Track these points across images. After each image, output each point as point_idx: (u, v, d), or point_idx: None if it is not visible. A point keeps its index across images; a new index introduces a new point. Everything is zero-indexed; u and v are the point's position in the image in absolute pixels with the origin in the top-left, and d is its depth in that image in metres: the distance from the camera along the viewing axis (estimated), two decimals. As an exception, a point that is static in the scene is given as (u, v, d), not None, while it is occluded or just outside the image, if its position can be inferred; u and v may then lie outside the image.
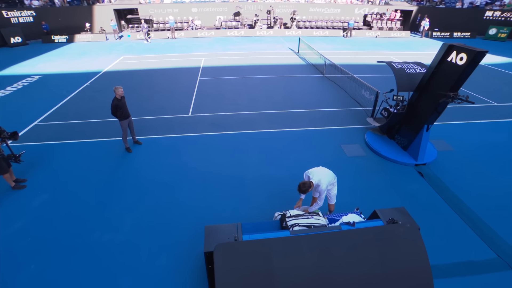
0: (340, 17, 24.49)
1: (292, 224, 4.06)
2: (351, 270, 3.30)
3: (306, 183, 4.10)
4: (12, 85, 11.69)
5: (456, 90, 5.44)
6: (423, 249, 3.45)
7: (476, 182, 6.08)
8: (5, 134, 5.41)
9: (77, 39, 20.61)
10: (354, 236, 3.51)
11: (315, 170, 4.32)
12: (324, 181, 4.25)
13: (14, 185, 5.83)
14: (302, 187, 4.09)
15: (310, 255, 3.35)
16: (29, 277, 4.13)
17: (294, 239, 3.47)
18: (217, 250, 3.33)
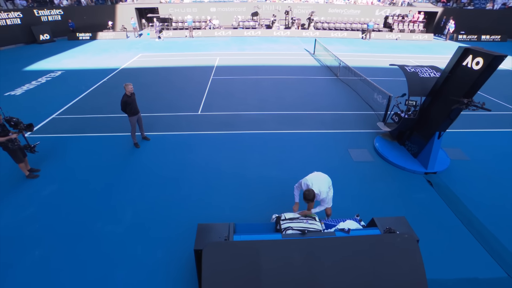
0: (360, 18, 23.93)
1: (286, 227, 4.00)
2: (340, 279, 3.21)
3: (311, 191, 3.95)
4: (36, 79, 12.34)
5: (471, 96, 5.15)
6: (420, 262, 3.30)
7: (490, 194, 5.74)
8: (21, 125, 5.70)
9: (99, 36, 21.45)
10: (347, 244, 3.41)
11: (313, 177, 4.18)
12: (324, 189, 4.15)
13: (29, 174, 6.14)
14: (308, 195, 3.92)
15: (299, 260, 3.30)
16: (33, 262, 4.33)
17: (284, 243, 3.43)
18: (206, 248, 3.34)
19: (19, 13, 19.22)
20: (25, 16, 19.47)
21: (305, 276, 3.21)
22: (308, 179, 4.18)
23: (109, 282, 4.05)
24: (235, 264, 3.27)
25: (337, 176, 6.20)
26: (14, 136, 5.60)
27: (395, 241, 3.45)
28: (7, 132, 5.55)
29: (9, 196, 5.64)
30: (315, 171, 4.32)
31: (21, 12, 19.36)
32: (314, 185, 4.11)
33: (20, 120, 5.70)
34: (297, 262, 3.28)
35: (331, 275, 3.21)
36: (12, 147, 5.60)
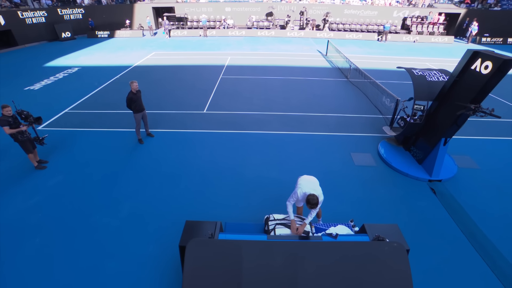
0: (377, 20, 23.35)
1: (273, 228, 3.97)
2: (321, 284, 3.15)
3: (316, 196, 3.81)
4: (54, 75, 12.90)
5: (479, 102, 4.90)
6: (407, 273, 3.19)
7: (497, 205, 5.44)
8: (31, 118, 5.97)
9: (117, 34, 22.12)
10: (331, 249, 3.35)
11: (306, 184, 4.03)
12: (320, 191, 4.05)
13: (37, 165, 6.42)
14: (312, 200, 3.76)
15: (281, 263, 3.26)
16: (32, 248, 4.53)
17: (268, 244, 3.41)
18: (189, 245, 3.37)
19: (44, 12, 20.14)
20: (49, 15, 20.39)
21: (285, 279, 3.17)
22: (302, 188, 3.98)
23: (100, 271, 4.17)
24: (217, 262, 3.28)
25: (336, 179, 6.12)
26: (24, 128, 5.87)
27: (382, 249, 3.34)
28: (18, 124, 5.83)
29: (18, 185, 5.92)
30: (302, 176, 4.21)
31: (46, 11, 20.28)
32: (311, 190, 3.93)
33: (30, 113, 5.97)
34: (278, 265, 3.25)
35: (312, 279, 3.16)
36: (22, 138, 5.88)
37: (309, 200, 3.80)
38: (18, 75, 12.88)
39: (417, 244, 4.63)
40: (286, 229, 3.99)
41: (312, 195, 3.82)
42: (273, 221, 4.10)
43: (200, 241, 3.42)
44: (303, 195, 3.96)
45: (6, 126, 5.59)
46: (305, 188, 3.98)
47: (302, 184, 4.04)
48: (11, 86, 11.53)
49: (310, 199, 3.80)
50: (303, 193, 3.97)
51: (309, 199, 3.80)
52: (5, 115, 5.61)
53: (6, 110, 5.61)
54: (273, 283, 3.17)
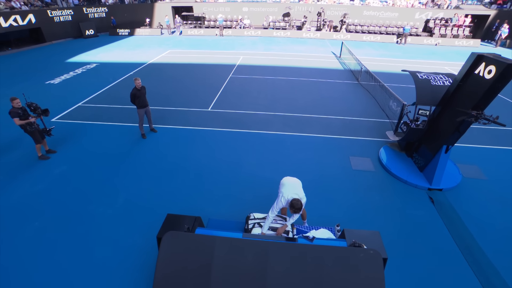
0: (397, 22, 22.58)
1: (252, 227, 3.98)
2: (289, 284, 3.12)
3: (299, 201, 3.76)
4: (74, 70, 13.58)
5: (482, 108, 4.64)
6: (381, 282, 3.09)
7: (499, 220, 5.13)
8: (39, 110, 6.32)
9: (136, 32, 22.91)
10: (303, 252, 3.30)
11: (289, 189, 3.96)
12: (302, 194, 4.00)
13: (41, 156, 6.71)
14: (296, 204, 3.72)
15: (251, 261, 3.27)
16: (31, 231, 4.82)
17: (241, 242, 3.42)
18: (165, 237, 3.46)
19: (71, 10, 21.23)
20: (75, 14, 21.48)
21: (254, 277, 3.17)
22: (285, 195, 3.89)
23: (88, 256, 4.38)
24: (190, 255, 3.35)
25: (330, 183, 6.02)
26: (33, 120, 6.24)
27: (357, 255, 3.27)
28: (27, 116, 6.19)
29: (27, 172, 6.30)
30: (284, 180, 4.15)
31: (73, 10, 21.37)
32: (294, 195, 3.87)
33: (38, 106, 6.33)
34: (248, 262, 3.26)
35: (280, 280, 3.14)
36: (30, 129, 6.24)
37: (293, 205, 3.75)
38: (42, 70, 13.68)
39: (405, 253, 4.48)
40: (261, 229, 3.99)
41: (296, 200, 3.77)
42: (253, 220, 4.11)
43: (176, 234, 3.49)
44: (287, 201, 3.90)
45: (16, 118, 5.95)
46: (288, 194, 3.91)
47: (285, 192, 3.95)
48: (34, 79, 12.27)
49: (294, 203, 3.75)
50: (286, 201, 3.90)
51: (293, 203, 3.75)
52: (15, 107, 5.97)
53: (16, 102, 5.96)
54: (241, 279, 3.19)
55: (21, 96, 6.33)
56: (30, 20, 18.50)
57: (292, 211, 3.79)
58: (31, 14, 18.51)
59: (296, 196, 3.87)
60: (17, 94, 10.48)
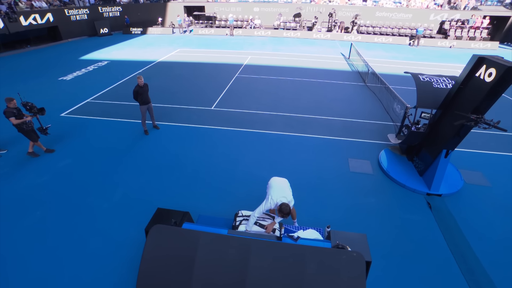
0: (410, 23, 22.07)
1: (239, 224, 4.01)
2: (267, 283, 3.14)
3: (287, 205, 3.78)
4: (86, 67, 14.02)
5: (482, 112, 4.49)
6: (362, 285, 3.05)
7: (500, 229, 4.95)
8: (35, 109, 6.36)
9: (149, 31, 23.40)
10: (285, 251, 3.30)
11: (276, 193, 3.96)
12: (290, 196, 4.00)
13: (31, 152, 6.72)
14: (284, 209, 3.74)
15: (233, 257, 3.30)
16: (32, 220, 5.03)
17: (224, 238, 3.46)
18: (152, 230, 3.54)
19: (87, 9, 21.91)
20: (91, 12, 22.15)
21: (235, 273, 3.21)
22: (274, 198, 3.89)
23: (82, 246, 4.53)
24: (174, 248, 3.41)
25: (325, 184, 5.98)
26: (28, 119, 6.30)
27: (340, 257, 3.24)
28: (22, 115, 6.23)
29: (34, 164, 6.57)
30: (272, 180, 4.16)
31: (88, 9, 22.05)
32: (283, 199, 3.88)
33: (34, 105, 6.38)
34: (230, 258, 3.29)
35: (259, 277, 3.16)
36: (26, 128, 6.34)
37: (282, 210, 3.77)
38: (56, 67, 14.19)
39: (397, 257, 4.40)
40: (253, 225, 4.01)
41: (286, 205, 3.78)
42: (241, 217, 4.14)
43: (163, 228, 3.56)
44: (275, 204, 3.91)
45: (12, 117, 6.00)
46: (276, 197, 3.92)
47: (274, 194, 3.96)
48: (48, 76, 12.75)
49: (283, 208, 3.76)
50: (275, 204, 3.91)
51: (282, 208, 3.77)
52: (9, 107, 6.00)
53: (13, 104, 6.02)
54: (223, 275, 3.23)
55: (16, 96, 6.34)
56: (48, 18, 19.21)
57: (280, 215, 3.80)
58: (49, 13, 19.22)
59: (285, 200, 3.87)
60: (32, 90, 10.99)
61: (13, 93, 10.52)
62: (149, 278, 3.35)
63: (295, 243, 3.51)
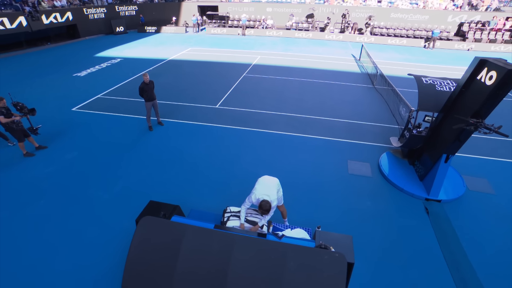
0: (427, 25, 21.45)
1: (226, 220, 4.07)
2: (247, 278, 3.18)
3: (268, 202, 3.80)
4: (99, 64, 14.50)
5: (483, 117, 4.35)
6: (342, 286, 3.04)
7: (500, 239, 4.77)
8: (25, 110, 6.40)
9: (162, 30, 23.89)
10: (267, 248, 3.33)
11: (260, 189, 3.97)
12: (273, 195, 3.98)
13: (26, 153, 6.78)
14: (264, 206, 3.78)
15: (216, 251, 3.37)
16: (36, 208, 5.29)
17: (209, 232, 3.52)
18: (142, 221, 3.66)
19: (104, 9, 22.63)
20: (108, 11, 22.85)
21: (217, 266, 3.27)
22: (256, 194, 3.95)
23: (81, 235, 4.74)
24: (161, 240, 3.51)
25: (321, 184, 5.97)
26: (17, 118, 6.33)
27: (322, 257, 3.23)
28: (11, 114, 6.28)
29: (43, 155, 6.88)
30: (261, 178, 4.17)
31: (106, 8, 22.77)
32: (265, 196, 3.90)
33: (24, 105, 6.44)
34: (214, 252, 3.35)
35: (240, 271, 3.21)
36: (16, 127, 6.39)
37: (261, 206, 3.81)
38: (72, 63, 14.75)
39: (388, 261, 4.33)
40: (238, 220, 4.07)
41: (265, 202, 3.80)
42: (229, 213, 4.20)
43: (151, 219, 3.67)
44: (257, 200, 3.94)
45: (1, 116, 6.07)
46: (259, 193, 3.94)
47: (257, 189, 4.00)
48: (64, 72, 13.28)
49: (262, 205, 3.80)
50: (257, 199, 3.94)
51: (261, 205, 3.81)
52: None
53: (3, 103, 6.12)
54: (205, 267, 3.30)
55: (7, 96, 6.49)
56: (68, 17, 19.97)
57: (260, 212, 3.84)
58: (69, 12, 19.98)
59: (266, 197, 3.87)
60: (47, 85, 11.47)
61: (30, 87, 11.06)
62: (136, 266, 3.47)
63: (279, 241, 3.53)
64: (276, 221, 4.72)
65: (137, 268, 3.48)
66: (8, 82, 11.77)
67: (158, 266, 3.43)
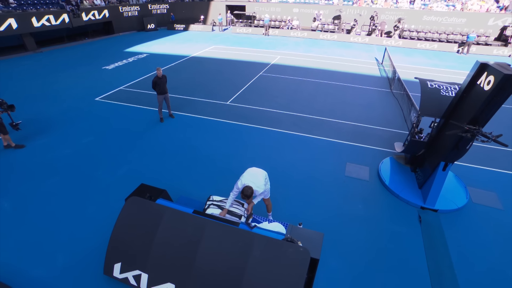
0: (463, 28, 20.11)
1: (207, 207, 4.27)
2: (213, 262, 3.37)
3: (249, 188, 3.98)
4: (127, 59, 15.46)
5: (480, 123, 4.12)
6: (301, 279, 3.13)
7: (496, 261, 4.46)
8: (4, 106, 6.52)
9: (190, 28, 24.79)
10: (236, 235, 3.49)
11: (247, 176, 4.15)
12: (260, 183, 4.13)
13: (6, 145, 6.97)
14: (245, 191, 3.95)
15: (188, 234, 3.59)
16: (50, 184, 5.88)
17: (185, 215, 3.76)
18: (129, 201, 3.99)
19: (138, 7, 24.00)
20: (141, 9, 24.21)
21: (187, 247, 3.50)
22: (243, 180, 4.13)
23: (83, 210, 5.22)
24: (143, 219, 3.82)
25: (313, 184, 5.97)
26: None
27: (286, 249, 3.33)
28: None
29: (63, 139, 7.58)
30: (249, 168, 4.32)
31: (140, 6, 24.13)
32: (250, 183, 4.08)
33: (4, 101, 6.59)
34: (187, 234, 3.58)
35: (207, 253, 3.41)
36: None
37: (243, 191, 3.99)
38: (103, 57, 15.88)
39: (366, 265, 4.27)
40: (217, 209, 4.25)
41: (248, 187, 3.97)
42: (211, 201, 4.40)
43: (137, 199, 3.99)
44: (242, 185, 4.11)
45: None
46: (245, 180, 4.12)
47: (245, 176, 4.18)
48: (95, 65, 14.36)
49: (244, 190, 3.98)
50: (243, 185, 4.11)
51: (243, 190, 3.99)
52: None
53: None
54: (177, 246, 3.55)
55: None
56: (104, 14, 21.47)
57: (242, 197, 3.98)
58: (106, 9, 21.47)
59: (252, 184, 4.03)
60: (78, 76, 12.49)
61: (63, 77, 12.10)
62: (119, 239, 3.81)
63: (249, 230, 3.65)
64: (263, 215, 4.84)
65: (119, 241, 3.81)
66: (46, 73, 13.00)
67: (138, 241, 3.73)
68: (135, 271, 3.66)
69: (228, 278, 3.27)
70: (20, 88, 11.01)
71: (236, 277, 3.23)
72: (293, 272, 3.18)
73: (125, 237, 3.82)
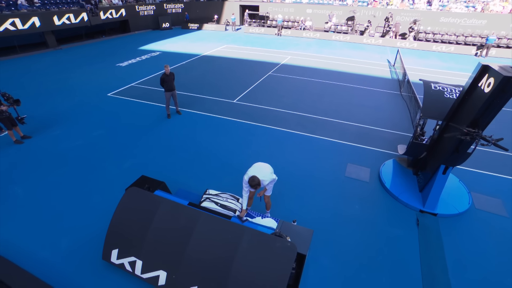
0: (483, 30, 19.42)
1: (203, 200, 4.40)
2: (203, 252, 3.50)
3: (256, 177, 4.10)
4: (140, 56, 15.90)
5: (480, 127, 4.04)
6: (286, 272, 3.20)
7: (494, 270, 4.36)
8: (11, 100, 6.72)
9: (204, 27, 25.16)
10: (227, 227, 3.60)
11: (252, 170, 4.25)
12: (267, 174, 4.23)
13: (16, 140, 7.23)
14: (252, 181, 4.08)
15: (182, 224, 3.73)
16: (59, 173, 6.19)
17: (179, 207, 3.90)
18: (128, 191, 4.18)
19: (153, 6, 24.60)
20: (157, 9, 24.80)
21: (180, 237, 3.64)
22: (248, 173, 4.24)
23: (88, 199, 5.48)
24: (140, 208, 3.99)
25: (313, 183, 5.99)
26: (4, 108, 6.68)
27: (274, 244, 3.41)
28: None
29: (74, 131, 7.94)
30: (255, 163, 4.40)
31: (155, 5, 24.72)
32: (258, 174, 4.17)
33: (11, 96, 6.77)
34: (180, 225, 3.73)
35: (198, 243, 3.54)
36: (1, 116, 6.72)
37: (249, 181, 4.11)
38: (118, 54, 16.40)
39: (358, 265, 4.27)
40: (211, 203, 4.37)
41: (253, 177, 4.09)
42: (206, 195, 4.53)
43: (136, 190, 4.18)
44: (248, 177, 4.20)
45: None
46: (252, 172, 4.23)
47: (251, 170, 4.29)
48: (109, 61, 14.86)
49: (250, 179, 4.10)
50: (248, 177, 4.20)
51: (249, 180, 4.11)
52: None
53: None
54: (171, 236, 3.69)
55: None
56: (121, 13, 22.15)
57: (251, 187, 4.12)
58: (123, 8, 22.14)
59: (259, 175, 4.12)
60: (93, 72, 12.98)
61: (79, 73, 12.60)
62: (118, 227, 3.99)
63: (240, 223, 3.75)
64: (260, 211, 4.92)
65: (117, 229, 4.00)
66: (63, 69, 13.59)
67: (134, 229, 3.90)
68: (131, 258, 3.83)
69: (218, 267, 3.38)
70: (38, 83, 11.57)
71: (225, 267, 3.33)
72: (279, 266, 3.25)
73: (122, 225, 4.00)
